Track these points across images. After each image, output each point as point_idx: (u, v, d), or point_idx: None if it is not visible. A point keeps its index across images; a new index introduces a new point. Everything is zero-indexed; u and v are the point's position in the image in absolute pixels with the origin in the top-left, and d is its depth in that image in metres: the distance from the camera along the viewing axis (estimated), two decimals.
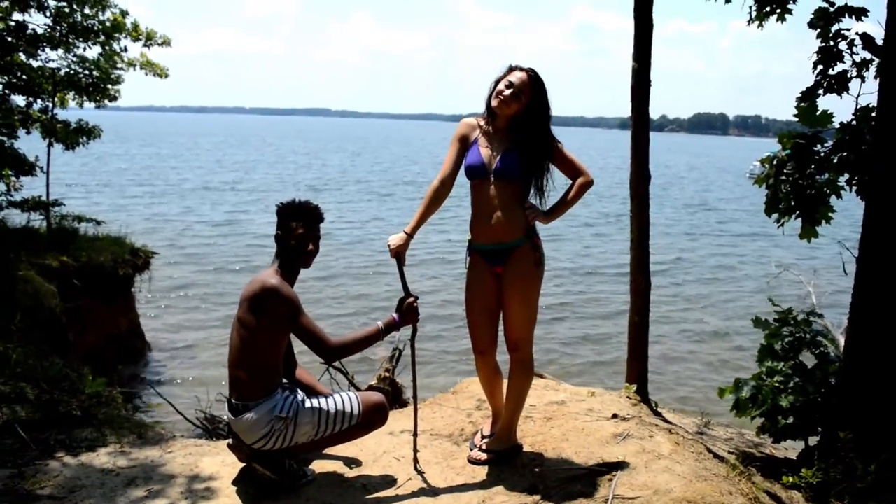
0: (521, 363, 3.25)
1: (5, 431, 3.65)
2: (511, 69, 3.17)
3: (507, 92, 3.11)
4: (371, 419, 3.18)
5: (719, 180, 51.34)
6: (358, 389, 6.07)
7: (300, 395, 3.19)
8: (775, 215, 4.27)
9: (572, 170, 3.23)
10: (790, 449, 4.69)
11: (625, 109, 4.36)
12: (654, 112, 4.22)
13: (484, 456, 3.33)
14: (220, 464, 3.37)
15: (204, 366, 10.13)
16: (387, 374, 6.12)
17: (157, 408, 8.31)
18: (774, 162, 4.25)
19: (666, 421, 4.19)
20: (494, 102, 3.15)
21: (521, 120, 3.15)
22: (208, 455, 3.50)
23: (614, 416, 3.79)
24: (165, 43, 10.03)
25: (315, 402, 3.08)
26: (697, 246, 22.48)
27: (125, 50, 9.88)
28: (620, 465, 3.21)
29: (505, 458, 3.32)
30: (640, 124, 4.31)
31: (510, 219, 3.13)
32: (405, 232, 3.19)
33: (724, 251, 21.93)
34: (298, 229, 3.02)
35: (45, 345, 6.25)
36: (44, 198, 9.55)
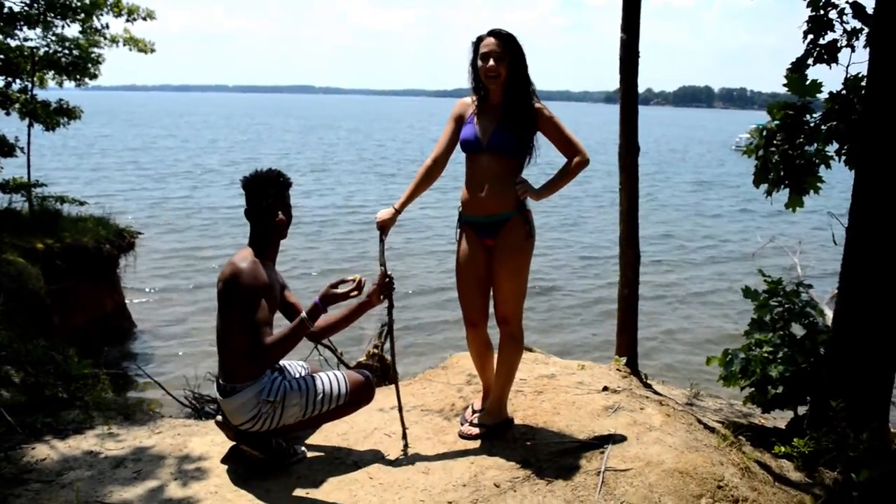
0: (511, 337, 3.23)
1: None
2: (479, 40, 3.12)
3: (490, 62, 3.06)
4: (358, 397, 3.16)
5: (703, 153, 51.38)
6: (347, 367, 6.07)
7: (289, 374, 3.16)
8: (764, 186, 4.25)
9: (567, 146, 3.16)
10: (778, 419, 4.72)
11: (610, 83, 4.33)
12: (640, 85, 4.17)
13: (475, 430, 3.32)
14: (209, 443, 3.34)
15: (192, 344, 10.02)
16: (375, 351, 6.11)
17: (146, 388, 8.27)
18: (764, 133, 4.22)
19: (656, 393, 4.20)
20: (485, 79, 3.10)
21: (513, 88, 3.10)
22: (197, 435, 3.47)
23: (605, 388, 3.79)
24: (149, 16, 9.84)
25: (302, 384, 3.05)
26: (681, 219, 22.48)
27: (107, 27, 9.70)
28: (612, 438, 3.21)
29: (496, 432, 3.31)
30: (629, 95, 4.26)
31: (502, 191, 3.10)
32: (393, 208, 3.18)
33: (706, 224, 21.96)
34: (266, 201, 2.95)
35: (31, 327, 6.19)
36: (25, 179, 9.42)
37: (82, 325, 8.92)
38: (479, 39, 3.12)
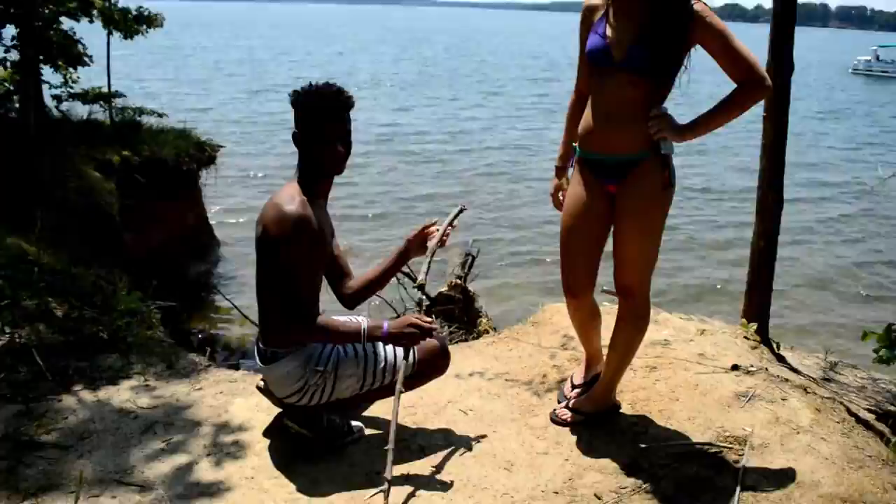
0: (634, 313, 2.51)
1: (22, 357, 3.20)
2: None
3: None
4: (429, 367, 2.55)
5: (822, 77, 46.46)
6: (429, 298, 5.50)
7: None
8: None
9: (736, 65, 2.21)
10: None
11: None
12: (749, 2, 3.08)
13: (572, 416, 2.68)
14: (253, 407, 2.83)
15: None
16: (458, 282, 5.53)
17: (220, 311, 8.03)
18: None
19: (793, 370, 3.42)
20: None
21: None
22: (241, 395, 2.96)
23: (734, 367, 3.05)
24: None
25: (360, 350, 2.46)
26: (814, 150, 18.87)
27: None
28: (748, 440, 2.51)
29: (598, 421, 2.66)
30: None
31: (635, 125, 2.30)
32: (556, 174, 2.69)
33: (842, 157, 18.44)
34: (320, 124, 2.29)
35: (99, 247, 5.89)
36: (104, 89, 9.11)
37: (162, 241, 8.68)
38: None
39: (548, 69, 41.03)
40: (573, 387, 2.86)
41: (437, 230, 2.63)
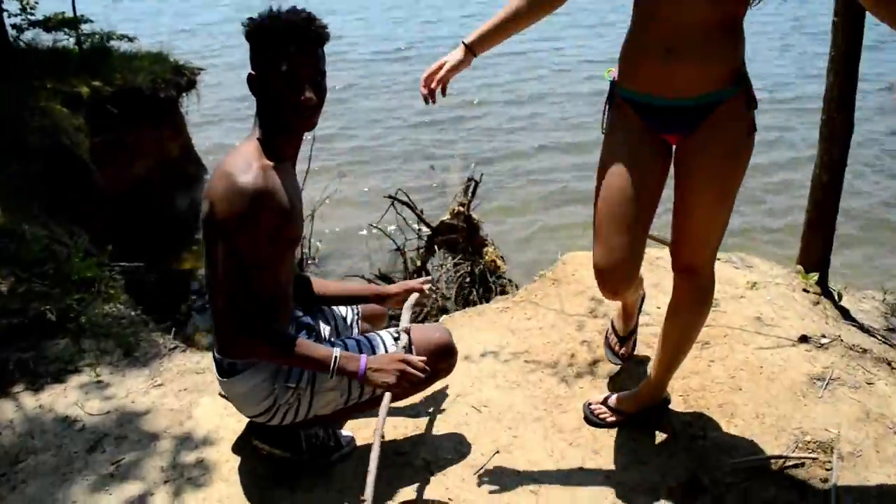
0: (700, 290, 1.93)
1: None
2: None
3: None
4: (432, 368, 2.02)
5: None
6: (429, 227, 4.96)
7: (323, 334, 2.06)
8: None
9: None
10: None
11: None
12: None
13: (612, 416, 2.18)
14: (221, 411, 2.34)
15: None
16: (461, 209, 4.99)
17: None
18: None
19: (861, 327, 2.89)
20: None
21: None
22: (207, 392, 2.46)
23: (803, 338, 2.52)
24: None
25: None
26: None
27: None
28: (835, 446, 2.00)
29: (643, 421, 2.16)
30: None
31: (715, 51, 1.65)
32: (463, 44, 1.88)
33: None
34: (283, 63, 1.69)
35: (68, 192, 5.33)
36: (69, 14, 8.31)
37: (143, 175, 8.08)
38: None
39: None
40: (618, 339, 2.39)
41: (427, 289, 2.22)
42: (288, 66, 1.67)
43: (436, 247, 5.03)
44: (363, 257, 5.95)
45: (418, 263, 5.02)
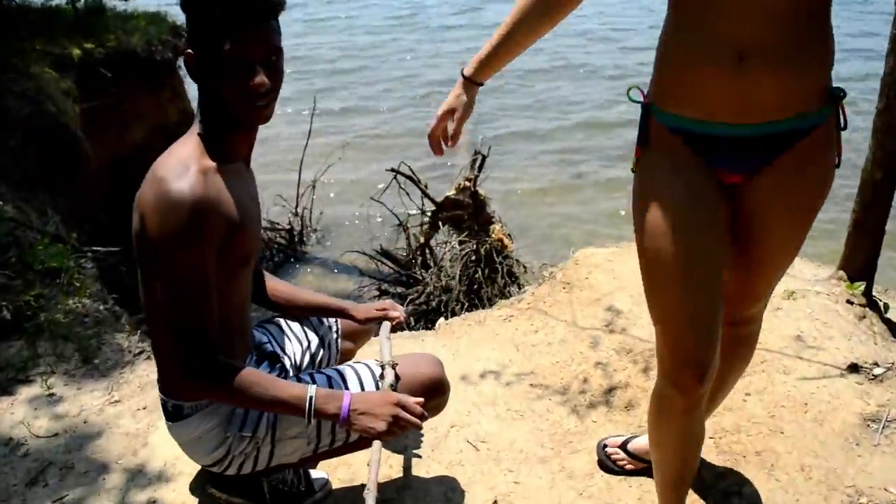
0: (751, 337, 1.59)
1: None
2: None
3: None
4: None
5: None
6: (433, 202, 4.61)
7: (288, 365, 1.75)
8: None
9: None
10: None
11: None
12: None
13: (630, 463, 1.87)
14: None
15: (276, 152, 8.24)
16: (467, 184, 4.67)
17: None
18: None
19: None
20: None
21: None
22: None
23: (853, 367, 2.19)
24: None
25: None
26: None
27: None
28: None
29: None
30: None
31: (811, 54, 1.24)
32: (463, 76, 1.51)
33: None
34: (226, 41, 1.34)
35: (54, 164, 5.03)
36: None
37: (139, 141, 7.77)
38: None
39: None
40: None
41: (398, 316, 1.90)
42: (233, 44, 1.32)
43: (440, 223, 4.76)
44: (364, 232, 5.68)
45: (421, 240, 4.74)
